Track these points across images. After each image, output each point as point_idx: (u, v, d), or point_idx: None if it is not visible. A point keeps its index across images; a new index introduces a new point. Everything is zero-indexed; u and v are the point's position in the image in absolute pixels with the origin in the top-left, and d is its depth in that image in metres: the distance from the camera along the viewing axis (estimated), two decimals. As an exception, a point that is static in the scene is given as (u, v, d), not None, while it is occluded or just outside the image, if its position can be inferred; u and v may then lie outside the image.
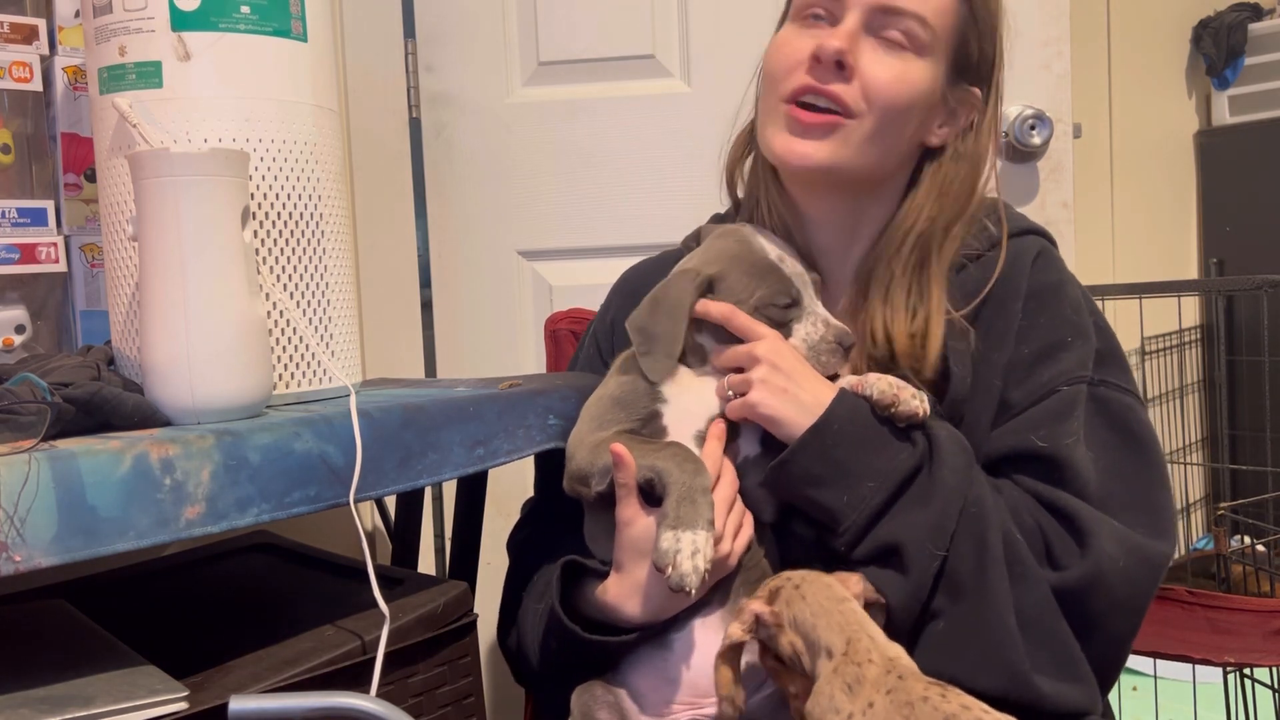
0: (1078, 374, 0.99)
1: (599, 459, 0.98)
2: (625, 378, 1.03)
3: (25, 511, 0.76)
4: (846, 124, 1.00)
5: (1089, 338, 1.01)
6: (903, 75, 0.99)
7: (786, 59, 1.02)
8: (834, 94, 0.99)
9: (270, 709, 0.78)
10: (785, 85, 1.02)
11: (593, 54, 1.82)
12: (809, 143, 1.01)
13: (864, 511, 0.93)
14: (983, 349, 1.00)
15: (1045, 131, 1.72)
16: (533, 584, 1.10)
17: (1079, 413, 0.98)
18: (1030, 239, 1.06)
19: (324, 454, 0.93)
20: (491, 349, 1.87)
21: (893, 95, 0.99)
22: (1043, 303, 1.01)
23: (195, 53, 1.04)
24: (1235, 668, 1.48)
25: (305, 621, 1.03)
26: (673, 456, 0.94)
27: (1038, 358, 0.99)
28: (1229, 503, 2.02)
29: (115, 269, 1.09)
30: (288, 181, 1.09)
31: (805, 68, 1.00)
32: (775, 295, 0.99)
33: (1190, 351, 2.59)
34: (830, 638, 0.83)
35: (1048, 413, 0.97)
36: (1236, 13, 2.55)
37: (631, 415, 1.00)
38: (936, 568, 0.91)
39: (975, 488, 0.93)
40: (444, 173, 1.86)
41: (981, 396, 0.99)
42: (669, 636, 0.97)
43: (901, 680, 0.78)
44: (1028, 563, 0.92)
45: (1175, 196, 2.66)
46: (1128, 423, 0.99)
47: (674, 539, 0.90)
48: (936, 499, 0.92)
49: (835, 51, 0.97)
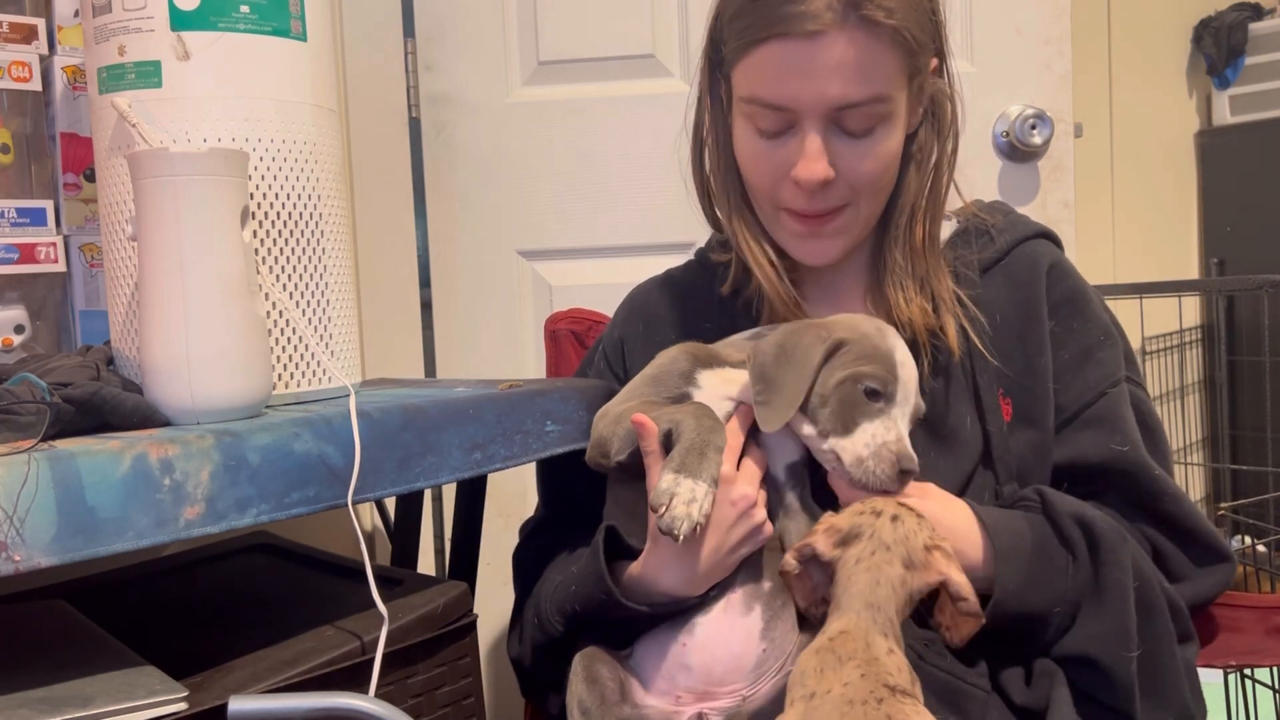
0: (1117, 375, 1.03)
1: (620, 425, 0.98)
2: (662, 360, 1.03)
3: (25, 511, 0.76)
4: (844, 213, 1.03)
5: (1115, 336, 1.05)
6: (878, 155, 1.00)
7: (765, 175, 1.02)
8: (828, 209, 1.02)
9: (270, 709, 0.77)
10: (776, 199, 1.04)
11: (593, 54, 1.82)
12: (821, 243, 1.05)
13: (1061, 624, 0.94)
14: (1023, 357, 1.03)
15: (1046, 131, 1.72)
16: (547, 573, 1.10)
17: (1129, 409, 1.02)
18: (1041, 244, 1.09)
19: (323, 454, 0.93)
20: (491, 349, 1.87)
21: (876, 175, 1.01)
22: (1074, 308, 1.05)
23: (195, 52, 1.04)
24: (1235, 668, 1.47)
25: (305, 621, 1.03)
26: (692, 412, 0.94)
27: (1080, 361, 1.03)
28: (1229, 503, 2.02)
29: (115, 269, 1.09)
30: (288, 181, 1.09)
31: (788, 186, 1.01)
32: (872, 378, 0.93)
33: (1191, 351, 2.59)
34: (836, 619, 0.84)
35: (1114, 421, 1.01)
36: (1237, 12, 2.55)
37: (661, 393, 1.00)
38: (1134, 666, 0.92)
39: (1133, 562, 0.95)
40: (444, 173, 1.86)
41: (1040, 404, 1.02)
42: (693, 619, 0.96)
43: (864, 680, 0.79)
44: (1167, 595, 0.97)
45: (1176, 196, 2.66)
46: (1147, 419, 1.04)
47: (673, 481, 0.89)
48: (1114, 603, 0.93)
49: (821, 180, 0.98)
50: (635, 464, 0.97)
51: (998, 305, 1.05)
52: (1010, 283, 1.06)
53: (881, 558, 0.84)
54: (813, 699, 0.79)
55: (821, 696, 0.79)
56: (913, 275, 1.04)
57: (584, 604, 0.99)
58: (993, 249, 1.08)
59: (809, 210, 1.01)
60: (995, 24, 1.71)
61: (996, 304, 1.05)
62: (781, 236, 1.07)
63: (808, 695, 0.80)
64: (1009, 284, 1.06)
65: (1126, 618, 0.92)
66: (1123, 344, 1.06)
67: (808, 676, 0.81)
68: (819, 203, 1.01)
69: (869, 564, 0.84)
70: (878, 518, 0.86)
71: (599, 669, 0.97)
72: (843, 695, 0.78)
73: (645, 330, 1.16)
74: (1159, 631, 0.94)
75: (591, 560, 0.99)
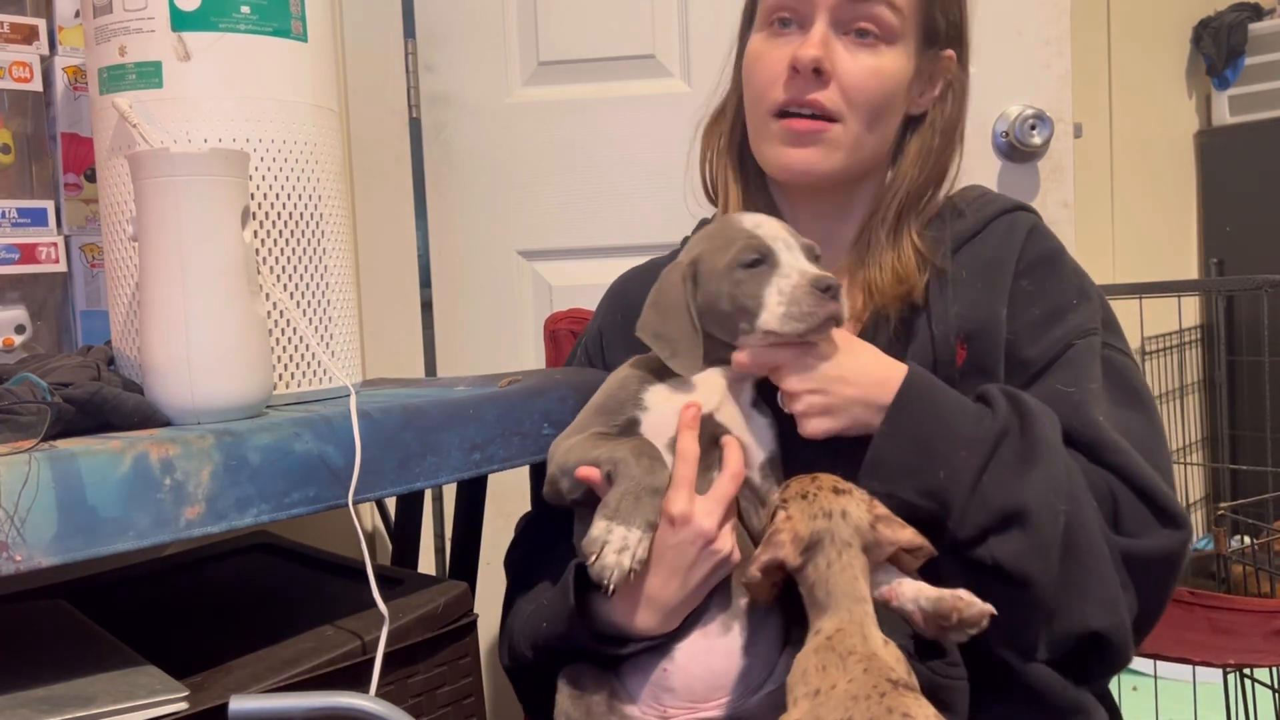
0: (1088, 327, 1.01)
1: (568, 462, 0.97)
2: (609, 387, 1.02)
3: (25, 511, 0.76)
4: (832, 129, 1.03)
5: (1092, 298, 1.04)
6: (877, 69, 1.02)
7: (764, 73, 1.05)
8: (816, 102, 1.02)
9: (270, 709, 0.78)
10: (768, 100, 1.05)
11: (593, 54, 1.82)
12: (804, 151, 1.04)
13: (965, 481, 0.91)
14: (986, 307, 1.02)
15: (1046, 131, 1.72)
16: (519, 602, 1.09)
17: (1096, 363, 1.00)
18: (1020, 214, 1.08)
19: (324, 454, 0.93)
20: (491, 349, 1.87)
21: (871, 91, 1.02)
22: (1050, 268, 1.04)
23: (195, 53, 1.04)
24: (1235, 668, 1.47)
25: (305, 621, 1.03)
26: (633, 450, 0.93)
27: (1049, 317, 1.02)
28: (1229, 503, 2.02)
29: (115, 269, 1.09)
30: (288, 181, 1.09)
31: (785, 79, 1.03)
32: (741, 254, 0.94)
33: (1190, 351, 2.59)
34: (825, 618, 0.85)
35: (1069, 365, 0.99)
36: (1236, 13, 2.56)
37: (611, 421, 0.99)
38: (1063, 525, 0.89)
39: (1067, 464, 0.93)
40: (444, 173, 1.86)
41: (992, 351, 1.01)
42: (671, 646, 0.96)
43: (867, 674, 0.80)
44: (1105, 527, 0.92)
45: (1175, 196, 2.66)
46: (1131, 382, 1.02)
47: (605, 529, 0.89)
48: (1043, 456, 0.91)
49: (811, 61, 1.00)
50: (591, 500, 0.96)
51: (966, 264, 1.05)
52: (983, 247, 1.06)
53: (848, 555, 0.87)
54: (817, 695, 0.81)
55: (826, 693, 0.80)
56: (892, 249, 1.05)
57: (558, 642, 0.99)
58: (964, 223, 1.07)
59: (800, 99, 1.02)
60: (995, 24, 1.71)
61: (965, 264, 1.05)
62: (769, 146, 1.06)
63: (811, 693, 0.81)
64: (982, 248, 1.06)
65: (1056, 468, 0.90)
66: (1103, 311, 1.04)
67: (810, 675, 0.82)
68: (810, 92, 1.02)
69: (840, 565, 0.86)
70: (830, 519, 0.87)
71: (585, 684, 0.97)
72: (847, 690, 0.79)
73: (624, 321, 1.15)
74: (1087, 520, 0.90)
75: (562, 599, 0.98)
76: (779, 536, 0.87)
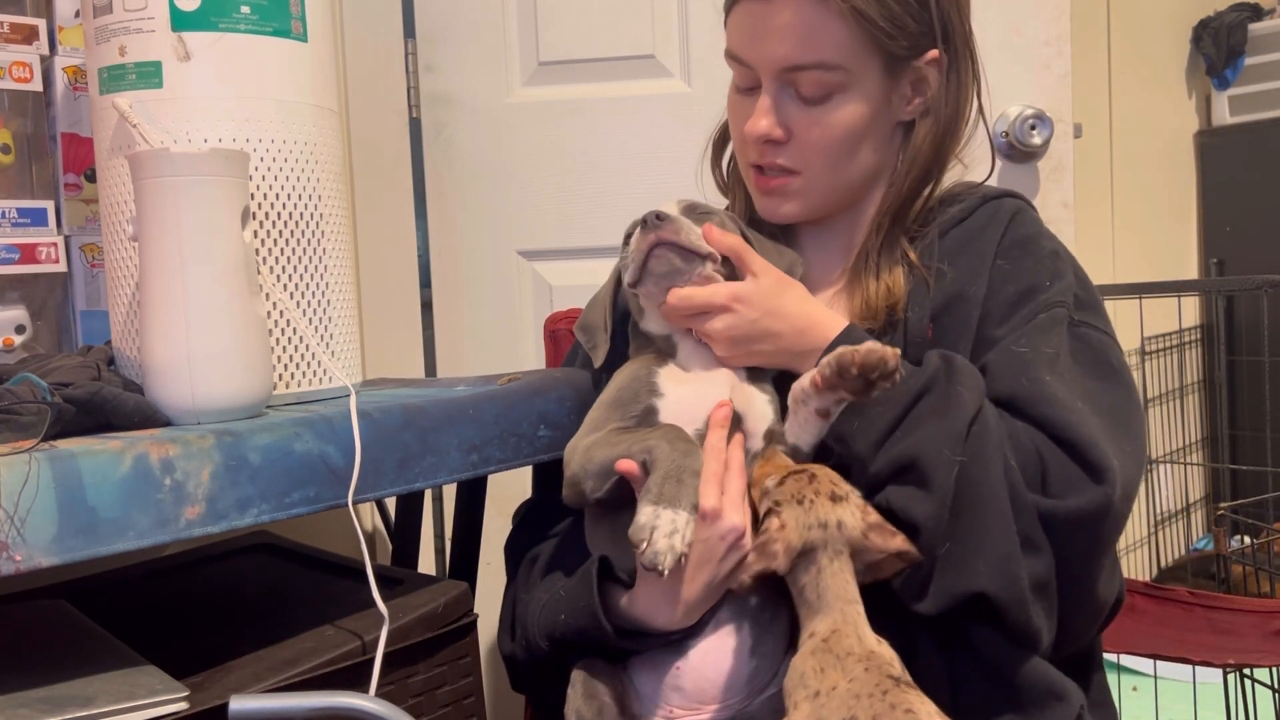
0: (1055, 300, 1.01)
1: (591, 461, 0.96)
2: (620, 380, 1.02)
3: (25, 511, 0.76)
4: (795, 181, 1.06)
5: (1068, 279, 1.03)
6: (830, 124, 1.02)
7: (735, 129, 1.10)
8: (778, 165, 1.06)
9: (270, 709, 0.78)
10: (745, 155, 1.09)
11: (593, 54, 1.82)
12: (775, 200, 1.09)
13: (874, 433, 0.93)
14: (958, 284, 1.02)
15: (1045, 131, 1.72)
16: (537, 582, 1.09)
17: (1058, 332, 0.99)
18: (1007, 200, 1.09)
19: (324, 454, 0.93)
20: (491, 349, 1.87)
21: (827, 143, 1.03)
22: (1026, 250, 1.04)
23: (195, 53, 1.04)
24: (1235, 668, 1.47)
25: (305, 621, 1.03)
26: (665, 436, 0.92)
27: (1020, 297, 1.02)
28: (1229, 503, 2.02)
29: (115, 269, 1.09)
30: (288, 181, 1.09)
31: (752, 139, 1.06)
32: (629, 229, 1.00)
33: (1190, 351, 2.60)
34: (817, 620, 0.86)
35: (1029, 332, 0.98)
36: (1236, 13, 2.56)
37: (627, 413, 0.99)
38: (956, 474, 0.89)
39: (986, 406, 0.93)
40: (444, 173, 1.86)
41: (958, 327, 1.01)
42: (686, 645, 0.96)
43: (868, 673, 0.81)
44: (1020, 486, 0.90)
45: (1175, 196, 2.66)
46: (1106, 356, 1.01)
47: (653, 514, 0.87)
48: (953, 411, 0.91)
49: (761, 135, 1.03)
50: (613, 498, 0.96)
51: (950, 247, 1.05)
52: (967, 229, 1.06)
53: (840, 562, 0.88)
54: (817, 697, 0.81)
55: (827, 693, 0.81)
56: (886, 267, 1.06)
57: (576, 635, 0.99)
58: (954, 209, 1.07)
59: (760, 163, 1.06)
60: (995, 24, 1.71)
61: (950, 247, 1.05)
62: (751, 191, 1.12)
63: (812, 694, 0.81)
64: (966, 230, 1.06)
65: (958, 422, 0.90)
66: (1082, 292, 1.03)
67: (809, 677, 0.82)
68: (768, 158, 1.05)
69: (832, 570, 0.87)
70: (825, 530, 0.87)
71: (597, 684, 0.97)
72: (849, 690, 0.80)
73: None
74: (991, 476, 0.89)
75: (584, 592, 0.97)
76: (773, 547, 0.87)
